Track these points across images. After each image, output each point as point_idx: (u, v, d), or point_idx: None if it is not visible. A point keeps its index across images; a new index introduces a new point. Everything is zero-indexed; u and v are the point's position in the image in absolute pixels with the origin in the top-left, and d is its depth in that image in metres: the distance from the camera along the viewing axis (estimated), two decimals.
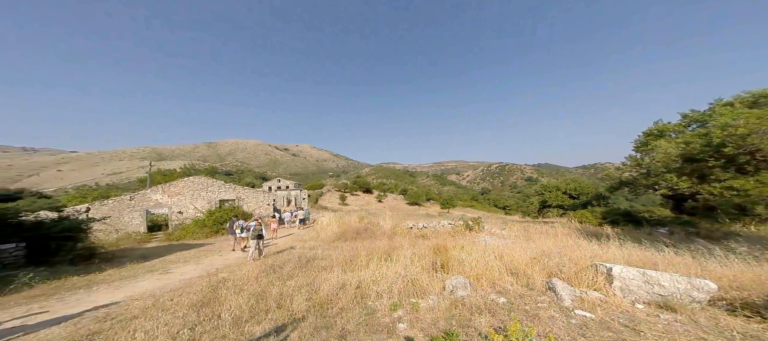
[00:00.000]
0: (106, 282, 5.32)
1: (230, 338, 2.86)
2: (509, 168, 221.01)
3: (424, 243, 8.58)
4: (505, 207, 65.28)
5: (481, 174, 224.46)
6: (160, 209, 16.19)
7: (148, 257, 8.50)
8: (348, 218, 13.65)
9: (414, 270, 4.66)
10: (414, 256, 5.33)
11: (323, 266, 5.69)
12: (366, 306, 3.80)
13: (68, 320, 3.37)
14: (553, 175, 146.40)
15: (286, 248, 8.99)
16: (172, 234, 14.24)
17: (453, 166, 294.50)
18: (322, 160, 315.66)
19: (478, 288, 4.03)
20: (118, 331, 2.94)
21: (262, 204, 18.78)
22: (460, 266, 4.70)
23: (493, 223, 14.46)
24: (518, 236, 9.16)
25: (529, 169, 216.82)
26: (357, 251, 7.16)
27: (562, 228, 7.83)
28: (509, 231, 11.37)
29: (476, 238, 8.85)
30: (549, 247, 5.19)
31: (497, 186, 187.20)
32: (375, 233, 11.43)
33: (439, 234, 10.14)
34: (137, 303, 3.89)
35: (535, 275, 4.16)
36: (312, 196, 43.03)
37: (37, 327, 3.24)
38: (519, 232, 10.15)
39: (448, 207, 49.79)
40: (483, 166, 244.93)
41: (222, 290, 4.33)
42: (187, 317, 3.28)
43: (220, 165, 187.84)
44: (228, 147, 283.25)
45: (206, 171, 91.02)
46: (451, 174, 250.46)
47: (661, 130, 13.67)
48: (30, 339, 2.94)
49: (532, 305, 3.42)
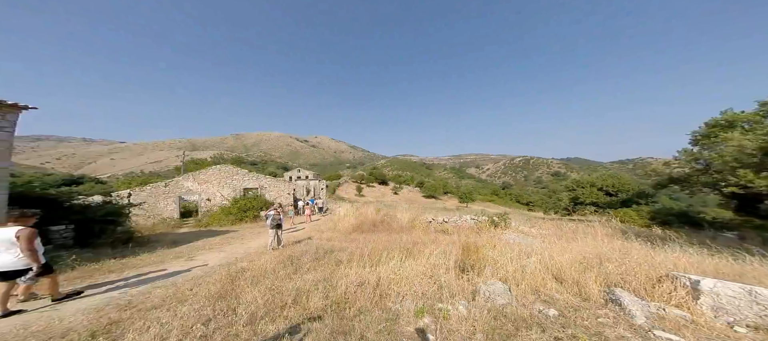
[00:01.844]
0: (136, 268, 5.53)
1: (243, 336, 2.67)
2: (534, 162, 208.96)
3: (445, 238, 8.06)
4: (529, 203, 61.96)
5: (503, 168, 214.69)
6: (192, 196, 17.22)
7: (178, 243, 8.93)
8: (364, 209, 13.45)
9: (439, 270, 4.21)
10: (438, 253, 4.88)
11: (340, 259, 5.45)
12: (386, 309, 3.44)
13: (93, 307, 3.39)
14: (584, 170, 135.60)
15: (304, 238, 8.97)
16: (201, 220, 15.09)
17: (472, 158, 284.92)
18: (340, 152, 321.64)
19: (518, 295, 3.48)
20: (135, 321, 2.89)
21: (282, 193, 19.28)
22: (493, 268, 4.16)
23: (517, 220, 13.47)
24: (550, 235, 8.31)
25: (557, 163, 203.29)
26: (374, 244, 6.86)
27: (601, 228, 6.86)
28: (539, 229, 10.45)
29: (502, 236, 8.16)
30: (601, 250, 4.43)
31: (520, 181, 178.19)
32: (392, 226, 11.09)
33: (462, 229, 9.52)
34: (159, 292, 3.91)
35: (589, 283, 3.51)
36: (330, 187, 43.88)
37: (63, 312, 3.28)
38: (550, 231, 9.25)
39: (466, 202, 48.22)
40: (505, 160, 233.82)
41: (240, 281, 4.24)
42: (203, 310, 3.19)
43: (246, 155, 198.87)
44: (253, 138, 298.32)
45: (233, 160, 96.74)
46: (470, 167, 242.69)
47: (731, 120, 11.58)
48: (51, 323, 2.94)
49: (591, 320, 2.84)
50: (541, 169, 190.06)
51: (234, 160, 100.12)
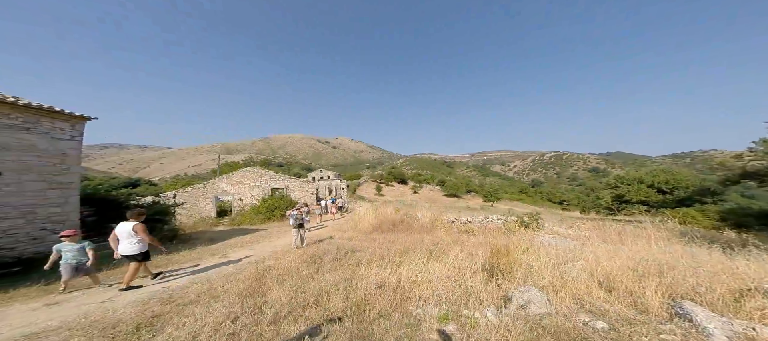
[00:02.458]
0: (178, 263, 6.05)
1: (267, 335, 2.73)
2: (567, 157, 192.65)
3: (470, 240, 7.66)
4: (563, 202, 57.20)
5: (532, 165, 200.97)
6: (226, 196, 18.62)
7: (215, 240, 9.66)
8: (384, 209, 13.39)
9: (465, 274, 3.95)
10: (464, 255, 4.60)
11: (360, 260, 5.44)
12: (407, 313, 3.30)
13: (140, 300, 3.73)
14: (628, 165, 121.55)
15: (326, 237, 9.16)
16: (235, 219, 16.22)
17: (497, 155, 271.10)
18: (359, 152, 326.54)
19: (558, 304, 3.11)
20: (174, 316, 3.12)
21: (306, 193, 20.01)
22: (526, 273, 3.79)
23: (550, 221, 12.39)
24: (591, 237, 7.47)
25: (595, 158, 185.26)
26: (394, 245, 6.74)
27: (655, 230, 5.98)
28: (577, 230, 9.49)
29: (535, 238, 7.52)
30: (659, 256, 3.82)
31: (551, 179, 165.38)
32: (412, 226, 10.87)
33: (488, 230, 8.99)
34: (195, 288, 4.22)
35: (648, 294, 3.02)
36: (350, 186, 44.67)
37: (117, 304, 3.64)
38: (591, 232, 8.33)
39: (491, 201, 45.88)
40: (534, 156, 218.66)
41: (266, 279, 4.41)
42: (233, 307, 3.36)
43: (273, 157, 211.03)
44: (279, 141, 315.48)
45: (261, 163, 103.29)
46: (495, 164, 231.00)
47: None
48: (106, 314, 3.25)
49: (652, 336, 2.44)
50: (576, 165, 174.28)
51: (262, 162, 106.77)
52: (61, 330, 2.87)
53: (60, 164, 7.30)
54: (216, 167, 34.17)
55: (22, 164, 6.60)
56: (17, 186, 6.48)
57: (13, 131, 6.48)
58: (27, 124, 6.71)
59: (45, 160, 7.00)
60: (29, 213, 6.66)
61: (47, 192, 7.01)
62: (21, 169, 6.56)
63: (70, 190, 7.50)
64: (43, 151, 6.98)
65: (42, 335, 2.80)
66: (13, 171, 6.43)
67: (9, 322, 3.20)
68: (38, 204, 6.82)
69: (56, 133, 7.28)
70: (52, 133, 7.19)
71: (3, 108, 6.29)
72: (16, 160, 6.49)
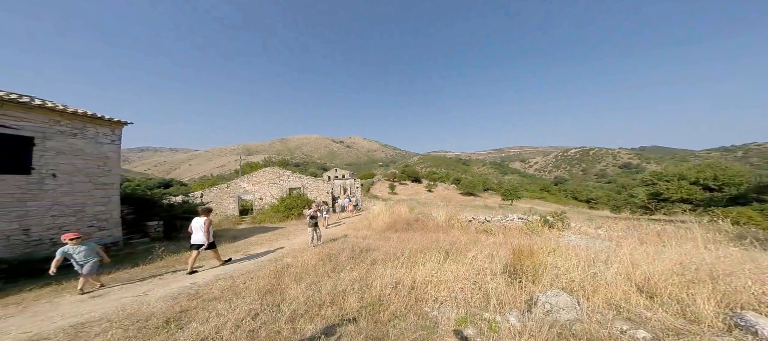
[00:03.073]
0: (204, 259, 6.39)
1: (284, 333, 2.78)
2: (594, 153, 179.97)
3: (489, 239, 7.35)
4: (590, 200, 53.49)
5: (554, 161, 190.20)
6: (247, 195, 19.51)
7: (238, 238, 10.14)
8: (398, 208, 13.30)
9: (485, 275, 3.77)
10: (483, 256, 4.40)
11: (374, 259, 5.42)
12: (422, 315, 3.21)
13: (170, 295, 4.03)
14: (665, 160, 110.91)
15: (341, 236, 9.27)
16: (256, 217, 16.95)
17: (516, 152, 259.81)
18: (372, 151, 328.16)
19: (590, 309, 2.86)
20: (199, 311, 3.31)
21: (322, 192, 20.43)
22: (553, 275, 3.53)
23: (577, 220, 11.58)
24: (624, 238, 6.87)
25: (626, 153, 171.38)
26: (409, 244, 6.64)
27: (702, 230, 5.35)
28: (608, 230, 8.80)
29: (561, 238, 7.05)
30: (710, 259, 3.39)
31: (577, 175, 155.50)
32: (427, 225, 10.67)
33: (509, 230, 8.58)
34: (220, 284, 4.44)
35: (699, 301, 2.68)
36: (364, 185, 45.02)
37: (150, 298, 3.91)
38: (624, 233, 7.68)
39: (510, 199, 43.98)
40: (557, 152, 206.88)
41: (284, 277, 4.53)
42: (253, 304, 3.47)
43: (290, 158, 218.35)
44: (296, 142, 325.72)
45: (279, 163, 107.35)
46: (514, 161, 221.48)
47: None
48: (141, 308, 3.49)
49: None
50: (605, 161, 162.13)
51: (280, 163, 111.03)
52: (102, 322, 3.15)
53: (103, 166, 8.03)
54: (238, 168, 35.97)
55: (73, 167, 7.33)
56: (69, 186, 7.22)
57: (65, 137, 7.22)
58: (75, 130, 7.44)
59: (90, 163, 7.74)
60: (79, 211, 7.39)
61: (93, 192, 7.75)
62: (72, 171, 7.30)
63: (112, 190, 8.24)
64: (89, 154, 7.71)
65: (86, 325, 3.09)
66: (65, 174, 7.17)
67: (60, 312, 3.56)
68: (86, 203, 7.55)
69: (99, 137, 8.01)
70: (96, 137, 7.92)
71: (53, 115, 7.01)
72: (67, 163, 7.22)
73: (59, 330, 2.99)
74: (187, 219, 11.19)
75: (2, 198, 6.04)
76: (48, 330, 3.04)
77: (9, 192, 6.16)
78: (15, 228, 6.17)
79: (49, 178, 6.83)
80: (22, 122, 6.44)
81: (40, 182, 6.67)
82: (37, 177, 6.61)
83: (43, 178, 6.71)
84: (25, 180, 6.44)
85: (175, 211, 11.11)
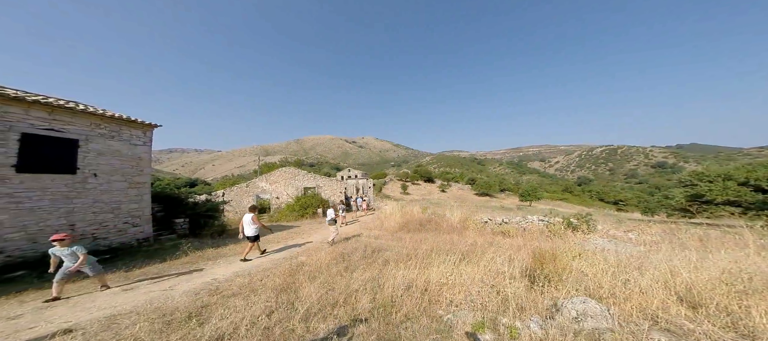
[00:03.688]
0: (225, 257, 6.72)
1: (297, 332, 2.83)
2: (623, 152, 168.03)
3: (507, 242, 7.06)
4: (618, 201, 49.96)
5: (578, 161, 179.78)
6: (265, 194, 20.25)
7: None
8: (410, 208, 13.15)
9: (503, 279, 3.60)
10: (500, 259, 4.22)
11: (387, 259, 5.39)
12: (437, 318, 3.12)
13: (193, 290, 4.26)
14: (707, 159, 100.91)
15: (353, 235, 9.33)
16: (273, 216, 17.55)
17: (536, 151, 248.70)
18: (384, 151, 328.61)
19: (622, 318, 2.64)
20: (219, 308, 3.47)
21: (335, 192, 20.74)
22: (578, 281, 3.31)
23: (604, 222, 10.80)
24: (660, 242, 6.32)
25: (660, 151, 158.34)
26: (422, 245, 6.53)
27: (753, 235, 4.80)
28: (640, 233, 8.16)
29: (586, 241, 6.62)
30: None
31: (603, 175, 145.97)
32: (441, 226, 10.46)
33: (528, 232, 8.19)
34: (238, 281, 4.61)
35: (754, 314, 2.39)
36: (376, 185, 45.14)
37: (175, 293, 4.15)
38: (659, 237, 7.07)
39: (529, 200, 42.07)
40: (581, 150, 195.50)
41: (299, 275, 4.62)
42: (269, 302, 3.58)
43: (305, 158, 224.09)
44: (310, 142, 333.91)
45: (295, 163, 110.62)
46: (533, 160, 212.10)
47: None
48: (166, 302, 3.70)
49: None
50: (636, 160, 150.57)
51: (295, 163, 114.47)
52: (132, 314, 3.38)
53: (136, 166, 8.67)
54: (256, 168, 37.47)
55: (111, 167, 7.98)
56: (108, 185, 7.86)
57: (104, 139, 7.88)
58: (112, 133, 8.10)
59: (126, 163, 8.38)
60: (116, 208, 8.03)
61: (128, 190, 8.38)
62: (110, 171, 7.95)
63: (144, 189, 8.87)
64: (124, 155, 8.35)
65: (117, 318, 3.33)
66: (104, 173, 7.81)
67: (97, 304, 3.88)
68: (122, 201, 8.18)
69: (133, 139, 8.66)
70: (130, 139, 8.57)
71: (95, 119, 7.66)
72: (106, 164, 7.87)
73: (94, 321, 3.24)
74: (209, 216, 11.82)
75: (53, 196, 6.70)
76: (85, 320, 3.31)
77: (59, 191, 6.82)
78: (62, 223, 6.82)
79: (91, 178, 7.48)
80: (68, 126, 7.11)
81: (84, 181, 7.32)
82: (81, 177, 7.26)
83: (86, 178, 7.36)
84: (71, 179, 7.09)
85: (199, 209, 11.72)
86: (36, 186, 6.43)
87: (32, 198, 6.35)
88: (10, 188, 6.04)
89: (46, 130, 6.68)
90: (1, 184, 5.94)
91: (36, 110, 6.55)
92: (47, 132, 6.69)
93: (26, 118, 6.40)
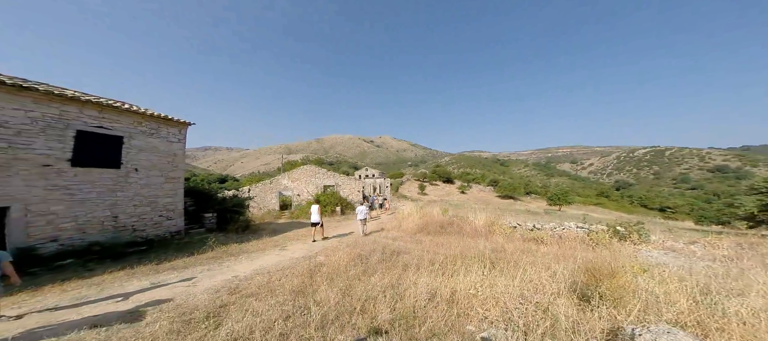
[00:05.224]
0: (247, 253, 6.85)
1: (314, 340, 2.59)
2: (672, 154, 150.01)
3: (541, 250, 6.37)
4: (665, 208, 44.48)
5: (615, 163, 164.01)
6: (287, 192, 20.90)
7: (277, 232, 10.76)
8: (429, 209, 12.63)
9: (545, 294, 3.11)
10: (540, 271, 3.70)
11: (406, 263, 5.06)
12: (468, 335, 2.74)
13: (213, 288, 4.28)
14: None
15: (372, 232, 9.09)
16: (294, 212, 18.00)
17: (566, 152, 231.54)
18: (402, 150, 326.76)
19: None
20: (237, 308, 3.40)
21: (353, 190, 20.80)
22: (644, 302, 2.73)
23: (653, 232, 9.43)
24: (737, 258, 5.31)
25: (720, 154, 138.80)
26: (443, 249, 6.10)
27: None
28: (706, 247, 6.99)
29: (636, 253, 5.75)
30: None
31: (646, 179, 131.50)
32: (463, 229, 9.86)
33: (565, 240, 7.35)
34: (257, 279, 4.58)
35: None
36: (393, 185, 44.76)
37: (196, 290, 4.18)
38: (733, 251, 5.98)
39: (558, 204, 39.01)
40: (619, 152, 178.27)
41: (317, 276, 4.49)
42: (285, 305, 3.46)
43: (325, 156, 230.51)
44: (330, 141, 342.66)
45: (315, 161, 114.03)
46: (563, 162, 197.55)
47: None
48: (188, 299, 3.70)
49: None
50: (688, 163, 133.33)
51: (316, 161, 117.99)
52: (154, 311, 3.45)
53: (172, 162, 9.24)
54: (280, 166, 39.07)
55: (150, 163, 8.57)
56: (147, 180, 8.45)
57: (145, 136, 8.48)
58: (152, 130, 8.69)
59: (163, 159, 8.96)
60: (153, 202, 8.61)
61: (164, 185, 8.96)
62: (149, 167, 8.54)
63: (178, 184, 9.44)
64: (162, 151, 8.93)
65: (141, 314, 3.40)
66: (144, 168, 8.41)
67: (126, 294, 4.03)
68: (158, 195, 8.76)
69: (170, 137, 9.23)
70: (167, 137, 9.15)
71: (137, 117, 8.26)
72: (146, 160, 8.47)
73: (119, 316, 3.32)
74: (235, 212, 12.33)
75: (100, 189, 7.32)
76: (111, 314, 3.41)
77: (105, 184, 7.43)
78: (107, 215, 7.42)
79: (133, 172, 8.08)
80: (115, 124, 7.73)
81: (127, 175, 7.92)
82: (124, 171, 7.86)
83: (128, 172, 7.96)
84: (116, 173, 7.70)
85: (227, 205, 12.26)
86: (86, 179, 7.05)
87: (83, 190, 6.96)
88: (65, 181, 6.67)
89: (97, 127, 7.31)
90: (58, 177, 6.57)
91: (89, 109, 7.18)
92: (97, 129, 7.31)
93: (80, 116, 7.04)
